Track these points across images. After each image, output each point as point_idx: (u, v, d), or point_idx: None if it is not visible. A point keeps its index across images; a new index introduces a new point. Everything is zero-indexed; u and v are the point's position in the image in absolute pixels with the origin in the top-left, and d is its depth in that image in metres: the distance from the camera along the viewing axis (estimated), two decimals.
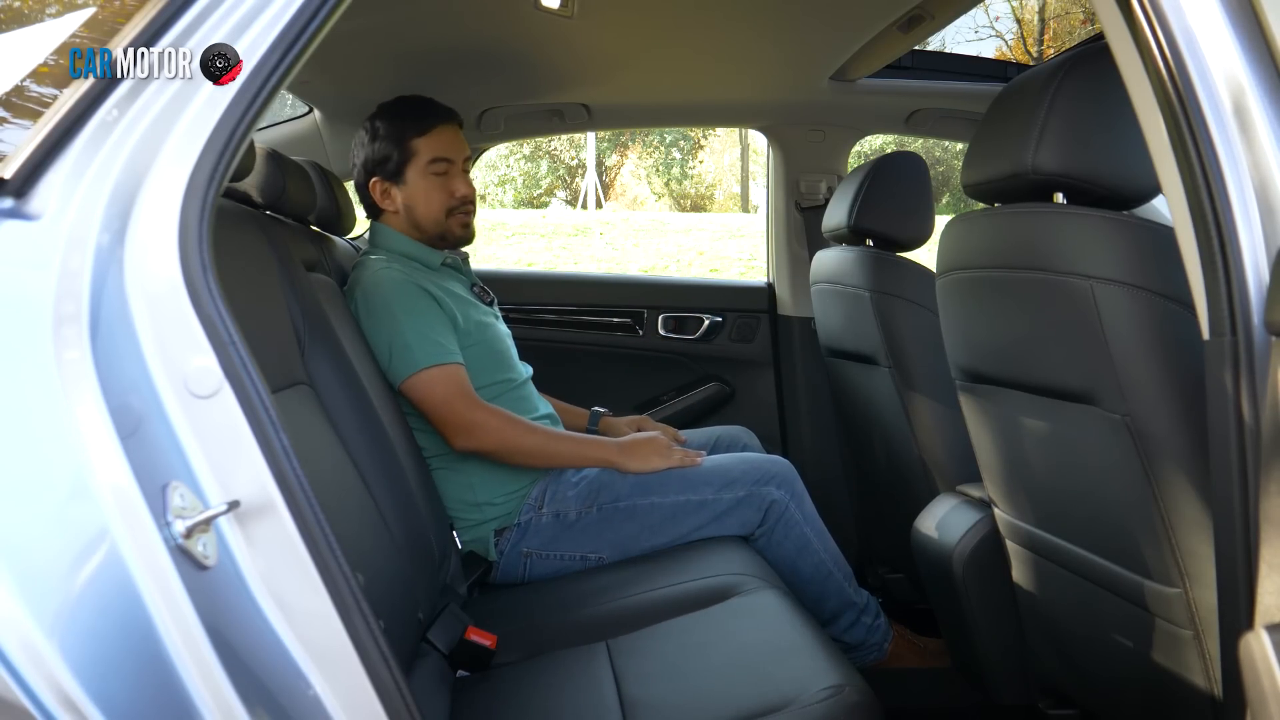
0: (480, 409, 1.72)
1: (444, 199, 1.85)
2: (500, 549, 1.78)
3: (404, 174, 1.84)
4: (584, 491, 1.77)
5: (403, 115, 1.84)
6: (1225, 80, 0.85)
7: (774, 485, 1.77)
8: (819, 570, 1.78)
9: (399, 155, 1.83)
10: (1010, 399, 1.30)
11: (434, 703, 1.28)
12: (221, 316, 0.77)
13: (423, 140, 1.83)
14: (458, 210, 1.87)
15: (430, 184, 1.84)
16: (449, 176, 1.86)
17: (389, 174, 1.85)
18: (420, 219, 1.86)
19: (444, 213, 1.86)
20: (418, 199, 1.85)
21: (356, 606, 0.79)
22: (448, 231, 1.88)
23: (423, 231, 1.87)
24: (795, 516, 1.77)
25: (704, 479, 1.78)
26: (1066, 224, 1.10)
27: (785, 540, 1.77)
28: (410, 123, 1.83)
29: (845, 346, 2.08)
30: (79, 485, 0.71)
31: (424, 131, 1.83)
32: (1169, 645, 1.14)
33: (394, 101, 1.87)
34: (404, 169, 1.84)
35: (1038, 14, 16.85)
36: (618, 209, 17.43)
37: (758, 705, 1.15)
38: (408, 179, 1.84)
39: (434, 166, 1.84)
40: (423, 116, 1.84)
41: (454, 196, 1.86)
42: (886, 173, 1.95)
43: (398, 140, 1.83)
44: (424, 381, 1.70)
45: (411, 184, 1.84)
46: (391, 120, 1.84)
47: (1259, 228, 0.83)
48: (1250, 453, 0.82)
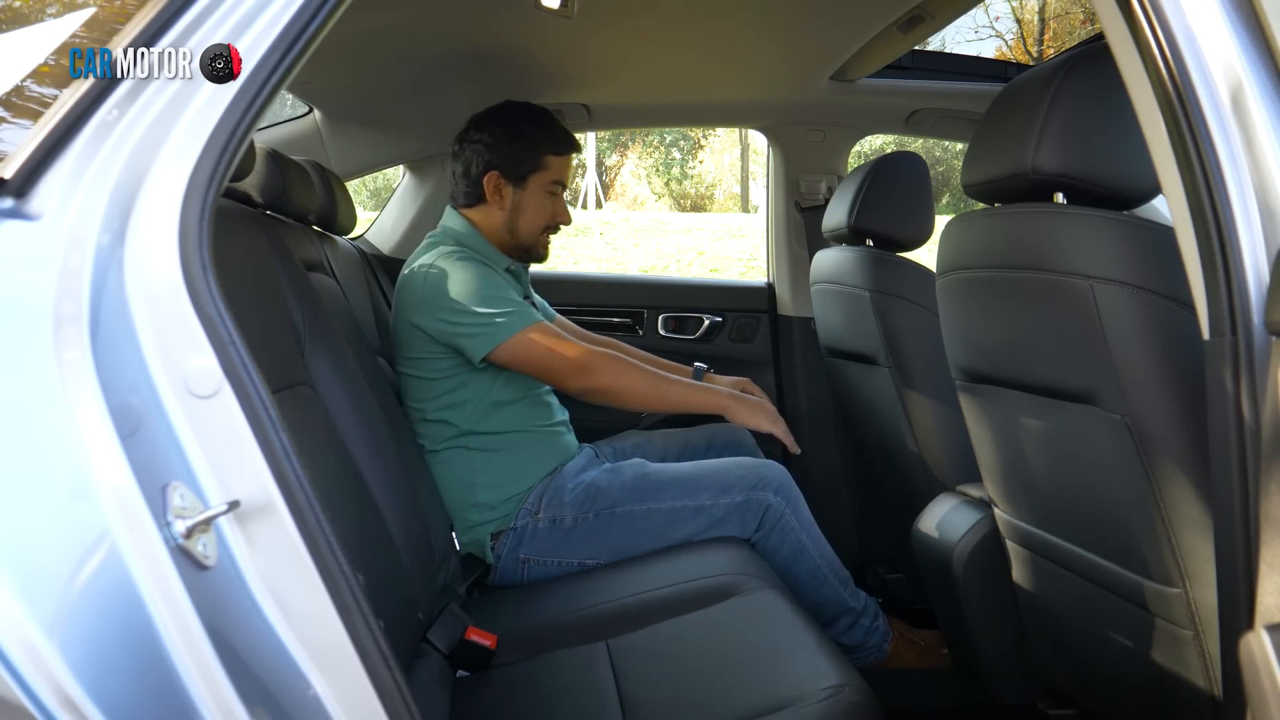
0: (586, 349, 1.80)
1: (547, 218, 1.93)
2: (497, 553, 1.78)
3: (527, 182, 1.90)
4: (580, 497, 1.77)
5: (547, 129, 1.90)
6: (1225, 80, 0.85)
7: (770, 491, 1.78)
8: (814, 576, 1.78)
9: (530, 164, 1.89)
10: (1010, 399, 1.30)
11: (434, 703, 1.28)
12: (221, 316, 0.77)
13: (556, 160, 1.91)
14: (550, 231, 1.95)
15: (542, 200, 1.91)
16: (556, 199, 1.94)
17: (513, 176, 1.89)
18: (520, 226, 1.91)
19: (541, 229, 1.93)
20: (527, 208, 1.91)
21: (356, 606, 0.79)
22: (535, 246, 1.95)
23: (515, 237, 1.92)
24: (791, 523, 1.78)
25: (700, 484, 1.78)
26: (1066, 224, 1.10)
27: (781, 546, 1.77)
28: (553, 139, 1.90)
29: (845, 346, 2.08)
30: (79, 485, 0.71)
31: (560, 153, 1.91)
32: (1169, 645, 1.14)
33: (536, 109, 1.93)
34: (528, 178, 1.90)
35: (1038, 14, 16.86)
36: (618, 209, 17.44)
37: (758, 705, 1.15)
38: (528, 187, 1.90)
39: (552, 186, 1.92)
40: (563, 139, 1.92)
41: (554, 218, 1.94)
42: (886, 173, 1.95)
43: (535, 150, 1.89)
44: (525, 342, 1.74)
45: (529, 193, 1.90)
46: (537, 129, 1.90)
47: (1259, 228, 0.83)
48: (1250, 453, 0.82)
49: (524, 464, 1.82)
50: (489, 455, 1.80)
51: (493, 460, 1.80)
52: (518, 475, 1.81)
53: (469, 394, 1.80)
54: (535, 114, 1.91)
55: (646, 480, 1.79)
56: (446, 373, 1.80)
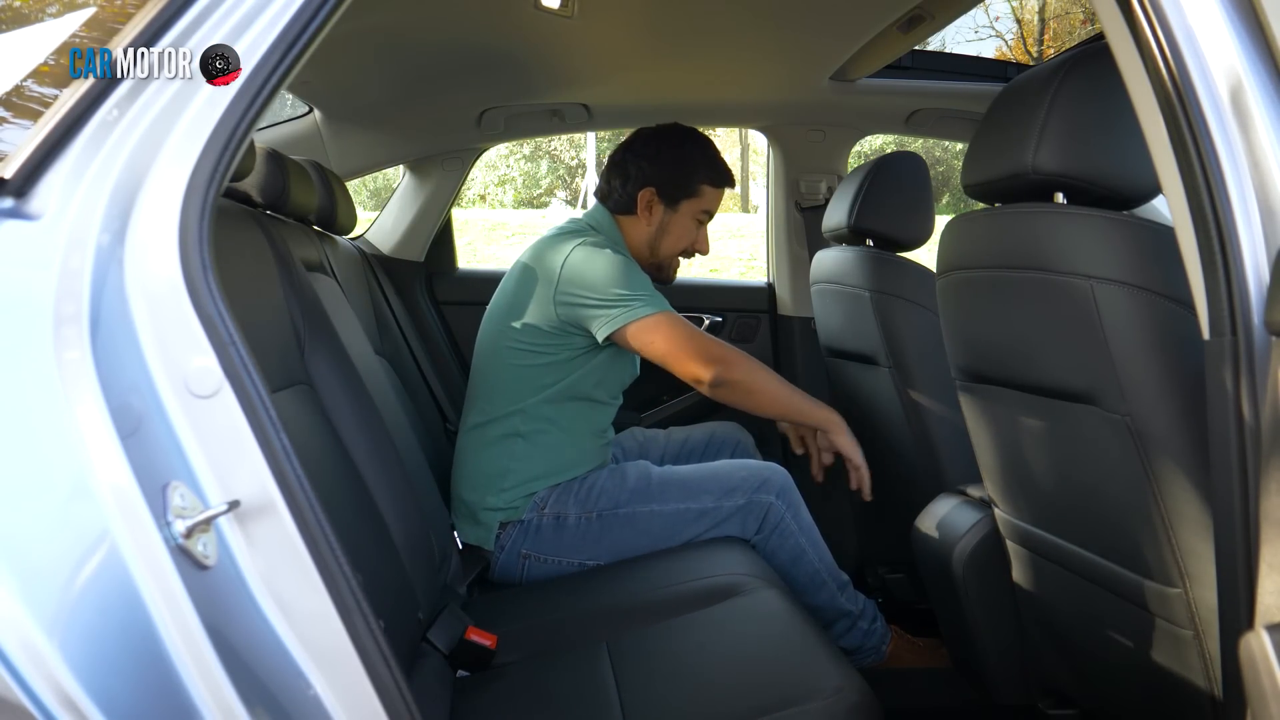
0: (721, 342, 1.84)
1: (688, 243, 1.97)
2: (501, 544, 1.78)
3: (679, 205, 1.93)
4: (584, 496, 1.78)
5: (709, 159, 1.94)
6: (1225, 79, 0.85)
7: (772, 494, 1.78)
8: (813, 580, 1.79)
9: (687, 189, 1.93)
10: (1010, 399, 1.30)
11: (434, 703, 1.28)
12: (222, 316, 0.77)
13: (711, 191, 1.95)
14: (685, 255, 2.00)
15: (688, 226, 1.96)
16: (702, 228, 1.98)
17: (667, 197, 1.93)
18: (662, 245, 1.95)
19: (680, 252, 1.97)
20: (673, 230, 1.95)
21: (356, 606, 0.79)
22: (666, 265, 1.99)
23: (653, 254, 1.96)
24: (791, 526, 1.78)
25: (703, 487, 1.78)
26: (1067, 224, 1.10)
27: (780, 549, 1.78)
28: (713, 170, 1.94)
29: (845, 346, 2.08)
30: (79, 485, 0.71)
31: (716, 185, 1.96)
32: (1169, 645, 1.14)
33: (702, 138, 1.96)
34: (681, 201, 1.93)
35: (1038, 14, 16.86)
36: None
37: (758, 705, 1.15)
38: (680, 210, 1.94)
39: (701, 215, 1.96)
40: (723, 172, 1.96)
41: (693, 246, 1.98)
42: (886, 173, 1.95)
43: (694, 176, 1.93)
44: (664, 323, 1.77)
45: (679, 216, 1.95)
46: (702, 155, 1.93)
47: (1259, 228, 0.83)
48: (1250, 453, 0.82)
49: (561, 461, 1.83)
50: (531, 445, 1.82)
51: (534, 451, 1.81)
52: (551, 470, 1.82)
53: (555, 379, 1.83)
54: (701, 142, 1.96)
55: (649, 482, 1.79)
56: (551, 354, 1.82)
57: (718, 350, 1.79)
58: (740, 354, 1.83)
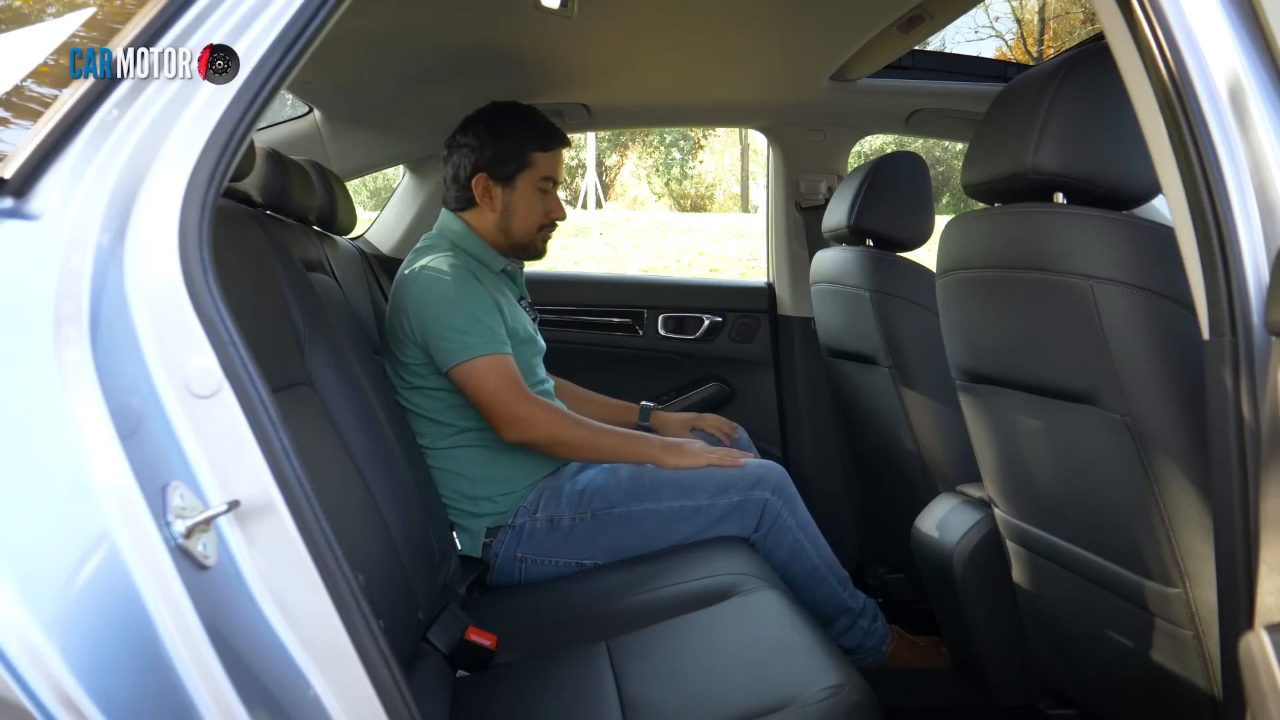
0: (531, 401, 1.75)
1: (540, 215, 1.91)
2: (494, 550, 1.77)
3: (515, 181, 1.88)
4: (577, 497, 1.77)
5: (531, 126, 1.88)
6: (1225, 80, 0.85)
7: (768, 490, 1.77)
8: (813, 576, 1.78)
9: (517, 162, 1.87)
10: (1010, 399, 1.30)
11: (434, 703, 1.28)
12: (221, 316, 0.77)
13: (543, 156, 1.89)
14: (546, 228, 1.93)
15: (534, 198, 1.90)
16: (549, 195, 1.92)
17: (500, 176, 1.88)
18: (514, 227, 1.90)
19: (536, 227, 1.92)
20: (519, 208, 1.89)
21: (356, 606, 0.79)
22: (532, 244, 1.93)
23: (509, 238, 1.91)
24: (788, 522, 1.77)
25: (698, 484, 1.78)
26: (1066, 224, 1.10)
27: (778, 546, 1.77)
28: (536, 135, 1.88)
29: (845, 346, 2.08)
30: (79, 485, 0.71)
31: (546, 148, 1.89)
32: (1169, 645, 1.14)
33: (517, 108, 1.91)
34: (516, 177, 1.88)
35: (1038, 14, 16.86)
36: (618, 209, 17.44)
37: (758, 705, 1.15)
38: (517, 186, 1.89)
39: (542, 183, 1.90)
40: (549, 134, 1.90)
41: (548, 216, 1.92)
42: (886, 173, 1.95)
43: (519, 148, 1.87)
44: (479, 369, 1.72)
45: (519, 192, 1.89)
46: (519, 127, 1.88)
47: (1259, 228, 0.83)
48: (1250, 453, 0.82)
49: (525, 462, 1.82)
50: (490, 453, 1.80)
51: (492, 458, 1.80)
52: (518, 473, 1.81)
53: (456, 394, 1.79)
54: (518, 112, 1.90)
55: (644, 480, 1.79)
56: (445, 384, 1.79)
57: (523, 410, 1.72)
58: (552, 410, 1.77)
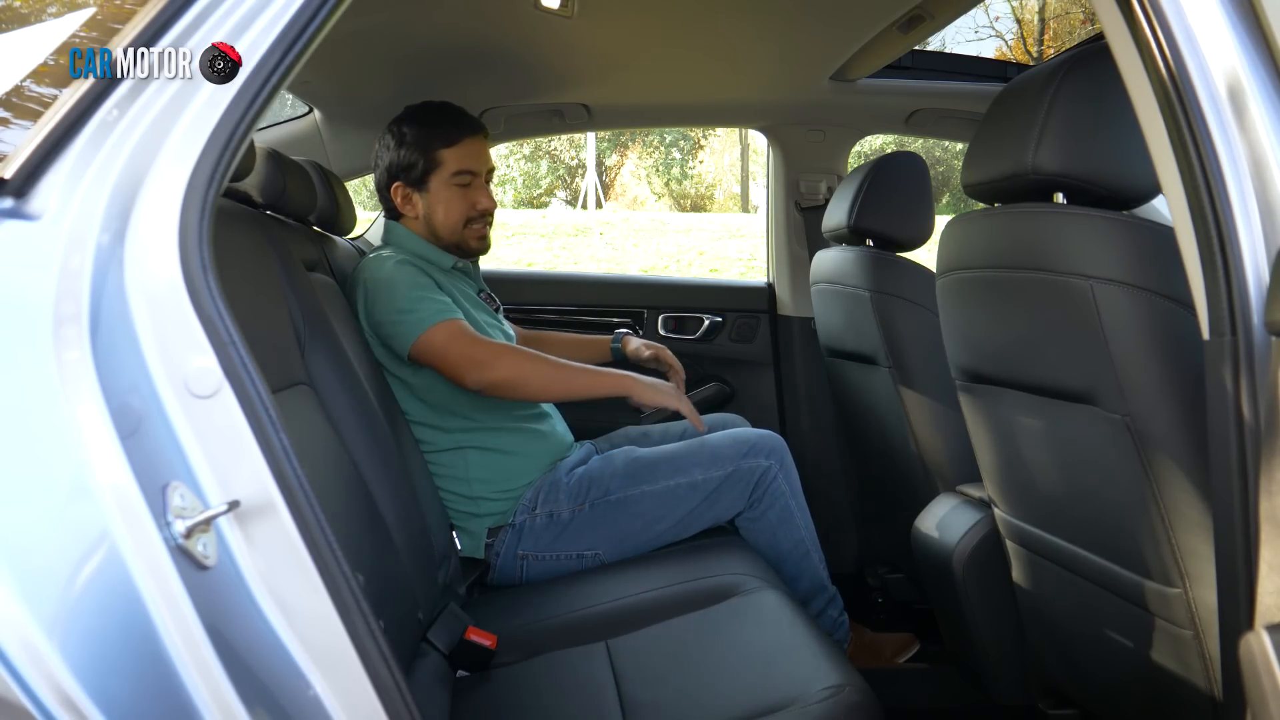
0: (485, 343, 1.72)
1: (464, 210, 1.87)
2: (495, 550, 1.77)
3: (427, 182, 1.85)
4: (574, 489, 1.77)
5: (432, 124, 1.84)
6: (1225, 79, 0.85)
7: (761, 456, 1.76)
8: (798, 548, 1.78)
9: (424, 164, 1.84)
10: (1010, 399, 1.30)
11: (434, 703, 1.28)
12: (221, 316, 0.77)
13: (449, 151, 1.84)
14: (476, 222, 1.89)
15: (452, 195, 1.85)
16: (471, 189, 1.87)
17: (412, 181, 1.85)
18: (439, 228, 1.87)
19: (462, 223, 1.88)
20: (438, 208, 1.86)
21: (356, 606, 0.79)
22: (463, 242, 1.89)
23: (439, 240, 1.88)
24: (781, 487, 1.76)
25: (691, 460, 1.77)
26: (1066, 224, 1.10)
27: (770, 510, 1.76)
28: (439, 133, 1.84)
29: (845, 346, 2.08)
30: (79, 485, 0.71)
31: (451, 143, 1.84)
32: (1169, 645, 1.14)
33: (422, 108, 1.87)
34: (428, 178, 1.85)
35: (1038, 14, 16.86)
36: (618, 209, 17.43)
37: (758, 705, 1.15)
38: (431, 187, 1.85)
39: (458, 178, 1.85)
40: (451, 128, 1.84)
41: (474, 208, 1.87)
42: (886, 173, 1.95)
43: (424, 149, 1.83)
44: (434, 338, 1.69)
45: (434, 193, 1.85)
46: (420, 128, 1.84)
47: (1259, 228, 0.83)
48: (1250, 453, 0.82)
49: (520, 461, 1.82)
50: (488, 455, 1.80)
51: (491, 459, 1.80)
52: (516, 473, 1.80)
53: (445, 395, 1.79)
54: (422, 112, 1.86)
55: (638, 464, 1.78)
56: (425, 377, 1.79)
57: (479, 352, 1.68)
58: (506, 349, 1.72)
